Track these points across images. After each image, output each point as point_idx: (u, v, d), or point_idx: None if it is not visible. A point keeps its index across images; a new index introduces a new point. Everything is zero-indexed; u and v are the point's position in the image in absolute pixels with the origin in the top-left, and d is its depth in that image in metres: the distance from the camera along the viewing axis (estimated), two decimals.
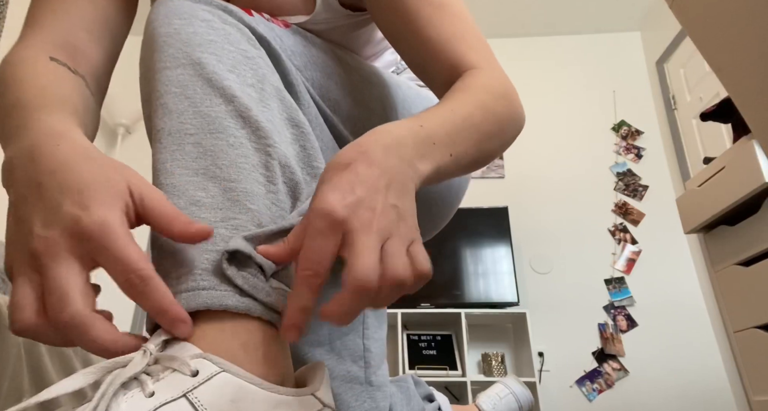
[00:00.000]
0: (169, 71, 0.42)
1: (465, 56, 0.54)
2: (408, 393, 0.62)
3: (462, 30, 0.56)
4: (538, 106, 3.33)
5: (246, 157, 0.39)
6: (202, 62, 0.42)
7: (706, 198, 1.68)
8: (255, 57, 0.46)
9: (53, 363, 0.91)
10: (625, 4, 3.36)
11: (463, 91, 0.49)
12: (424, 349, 2.70)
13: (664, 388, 2.70)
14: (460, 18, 0.57)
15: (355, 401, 0.49)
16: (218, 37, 0.45)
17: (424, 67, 0.57)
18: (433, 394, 0.72)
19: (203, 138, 0.39)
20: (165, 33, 0.44)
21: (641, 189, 3.15)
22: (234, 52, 0.45)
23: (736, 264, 1.58)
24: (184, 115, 0.40)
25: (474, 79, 0.51)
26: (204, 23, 0.45)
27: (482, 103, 0.48)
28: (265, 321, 0.36)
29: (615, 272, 2.98)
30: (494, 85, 0.52)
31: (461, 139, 0.44)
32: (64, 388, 0.31)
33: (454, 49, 0.54)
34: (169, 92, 0.41)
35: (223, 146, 0.39)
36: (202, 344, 0.33)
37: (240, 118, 0.41)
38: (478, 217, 2.94)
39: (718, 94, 2.61)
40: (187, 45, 0.43)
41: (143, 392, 0.30)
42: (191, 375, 0.31)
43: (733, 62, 0.71)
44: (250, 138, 0.40)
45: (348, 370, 0.50)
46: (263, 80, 0.45)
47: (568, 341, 2.83)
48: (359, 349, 0.51)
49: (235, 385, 0.31)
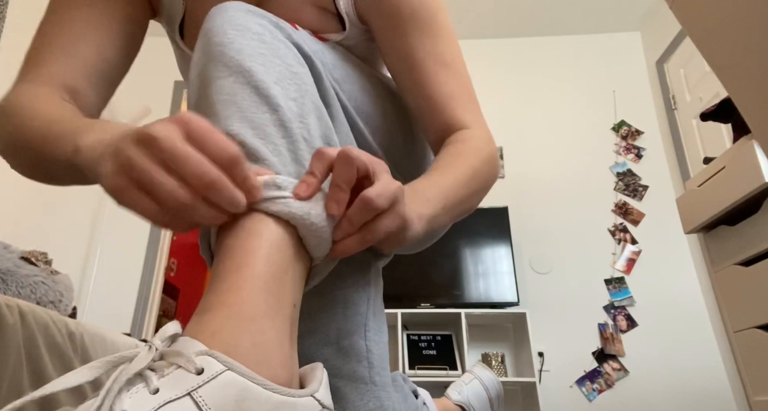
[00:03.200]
0: (221, 81, 0.45)
1: (459, 117, 0.62)
2: (403, 391, 0.62)
3: (460, 91, 0.64)
4: (539, 106, 3.33)
5: (284, 165, 0.43)
6: (251, 71, 0.46)
7: (706, 198, 1.68)
8: (299, 73, 0.50)
9: (53, 363, 0.91)
10: (625, 4, 3.36)
11: (455, 157, 0.58)
12: (424, 349, 2.70)
13: (664, 388, 2.70)
14: (460, 78, 0.64)
15: (360, 400, 0.50)
16: (268, 50, 0.48)
17: (423, 117, 0.65)
18: (417, 390, 0.74)
19: (247, 139, 0.43)
20: (219, 42, 0.47)
21: (641, 189, 3.15)
22: (280, 66, 0.48)
23: (736, 264, 1.58)
24: (230, 119, 0.43)
25: (465, 145, 0.60)
26: (256, 36, 0.48)
27: (472, 168, 0.57)
28: (278, 321, 0.37)
29: (615, 272, 2.98)
30: (482, 149, 0.60)
31: (451, 197, 0.53)
32: (69, 382, 0.31)
33: (451, 109, 0.62)
34: (219, 101, 0.44)
35: (266, 153, 0.42)
36: (215, 341, 0.33)
37: (282, 128, 0.44)
38: (478, 217, 2.94)
39: (718, 94, 2.61)
40: (239, 54, 0.46)
41: (148, 388, 0.30)
42: (196, 373, 0.31)
43: (733, 62, 0.71)
44: (288, 148, 0.44)
45: (354, 369, 0.51)
46: (304, 96, 0.48)
47: (568, 341, 2.83)
48: (363, 350, 0.52)
49: (240, 385, 0.31)
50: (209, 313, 0.36)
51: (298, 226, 0.40)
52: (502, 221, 2.95)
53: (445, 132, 0.63)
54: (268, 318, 0.36)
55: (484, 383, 0.87)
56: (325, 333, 0.51)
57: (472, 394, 0.86)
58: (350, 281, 0.53)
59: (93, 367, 0.31)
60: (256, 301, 0.36)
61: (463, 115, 0.62)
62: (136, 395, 0.30)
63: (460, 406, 0.84)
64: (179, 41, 0.70)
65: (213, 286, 0.37)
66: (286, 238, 0.40)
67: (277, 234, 0.39)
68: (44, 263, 1.47)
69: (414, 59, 0.62)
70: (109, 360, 0.32)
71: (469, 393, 0.86)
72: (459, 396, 0.85)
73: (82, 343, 0.99)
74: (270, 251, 0.38)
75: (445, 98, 0.62)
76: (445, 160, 0.57)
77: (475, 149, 0.59)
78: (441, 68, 0.62)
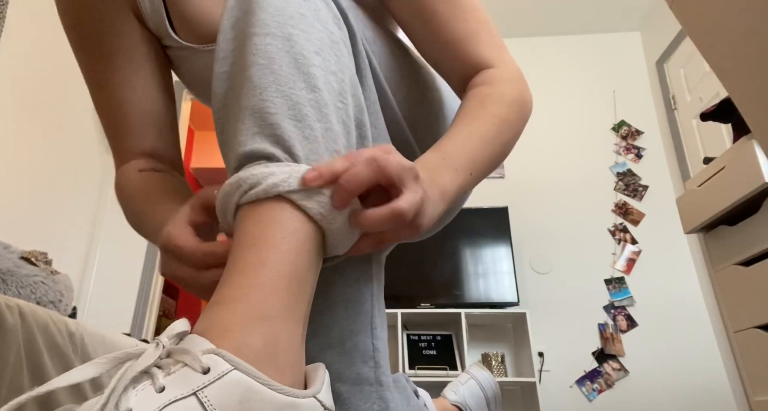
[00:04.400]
0: (257, 39, 0.43)
1: (480, 55, 0.58)
2: (406, 392, 0.62)
3: (477, 27, 0.59)
4: (539, 106, 3.31)
5: (318, 153, 0.41)
6: (292, 38, 0.43)
7: (706, 198, 1.68)
8: (339, 42, 0.47)
9: (53, 363, 0.91)
10: (625, 4, 3.36)
11: (479, 107, 0.54)
12: (424, 349, 2.70)
13: (664, 388, 2.70)
14: (476, 14, 0.59)
15: (365, 403, 0.48)
16: (309, 11, 0.45)
17: (441, 64, 0.61)
18: (417, 390, 0.73)
19: (283, 120, 0.41)
20: None
21: (641, 189, 3.15)
22: (322, 33, 0.45)
23: (736, 264, 1.58)
24: (267, 91, 0.41)
25: (489, 89, 0.56)
26: None
27: (498, 118, 0.53)
28: (292, 322, 0.36)
29: (615, 272, 2.98)
30: (508, 91, 0.56)
31: (479, 159, 0.50)
32: (74, 378, 0.30)
33: (469, 48, 0.58)
34: (256, 63, 0.42)
35: (300, 140, 0.40)
36: (224, 338, 0.33)
37: (319, 112, 0.42)
38: (478, 217, 2.94)
39: (718, 94, 2.61)
40: (280, 14, 0.44)
41: (154, 386, 0.30)
42: (202, 371, 0.31)
43: (733, 62, 0.71)
44: (323, 134, 0.42)
45: (358, 372, 0.49)
46: (344, 69, 0.46)
47: (568, 341, 2.83)
48: (369, 349, 0.50)
49: (245, 385, 0.31)
50: (223, 306, 0.35)
51: (325, 229, 0.39)
52: (502, 221, 2.95)
53: (468, 73, 0.59)
54: (283, 318, 0.36)
55: (481, 383, 0.87)
56: (327, 335, 0.49)
57: (469, 394, 0.86)
58: (352, 278, 0.50)
59: (98, 363, 0.31)
60: (275, 300, 0.35)
61: (485, 53, 0.58)
62: (142, 393, 0.30)
63: (457, 406, 0.84)
64: (172, 34, 0.67)
65: (232, 277, 0.36)
66: (313, 238, 0.39)
67: (306, 233, 0.38)
68: (44, 263, 1.47)
69: (426, 4, 0.58)
70: (116, 356, 0.32)
71: (465, 393, 0.86)
72: (455, 396, 0.85)
73: (82, 343, 0.99)
74: (299, 251, 0.37)
75: (463, 38, 0.58)
76: (470, 112, 0.54)
77: (500, 93, 0.55)
78: (455, 8, 0.58)
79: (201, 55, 0.66)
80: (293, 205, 0.38)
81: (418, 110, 0.64)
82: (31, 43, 2.42)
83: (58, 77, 2.64)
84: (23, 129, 2.43)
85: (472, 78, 0.58)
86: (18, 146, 2.40)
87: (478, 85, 0.57)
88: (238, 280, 0.36)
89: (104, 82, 0.66)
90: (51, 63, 2.56)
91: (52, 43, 2.54)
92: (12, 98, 2.35)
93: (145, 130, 0.66)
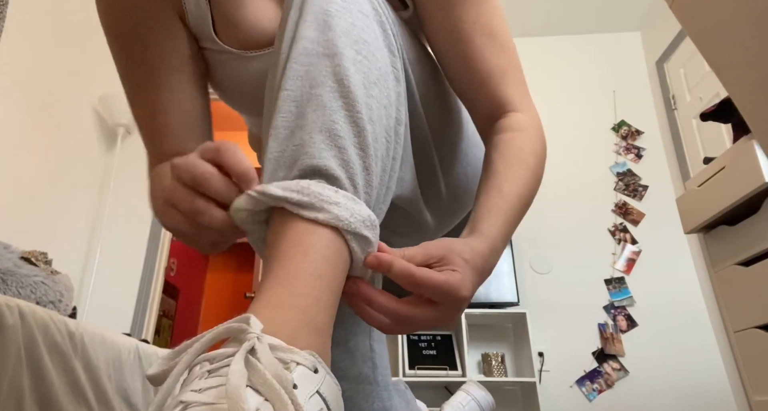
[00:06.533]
0: (304, 42, 0.44)
1: (507, 95, 0.59)
2: (405, 397, 0.62)
3: (507, 66, 0.60)
4: (538, 106, 3.30)
5: (370, 184, 0.44)
6: (356, 64, 0.44)
7: (706, 198, 1.68)
8: (391, 72, 0.48)
9: (53, 363, 0.91)
10: (625, 4, 3.36)
11: (510, 163, 0.54)
12: (424, 349, 2.70)
13: (664, 388, 2.70)
14: (508, 52, 0.61)
15: (365, 402, 0.50)
16: (371, 38, 0.47)
17: (467, 95, 0.62)
18: (416, 402, 0.73)
19: (349, 146, 0.43)
20: (322, 8, 0.46)
21: (641, 189, 3.15)
22: (380, 62, 0.47)
23: (736, 264, 1.58)
24: (336, 114, 0.43)
25: (522, 139, 0.57)
26: (360, 15, 0.47)
27: (528, 174, 0.54)
28: (330, 334, 0.38)
29: (615, 272, 2.98)
30: (534, 143, 0.58)
31: (513, 220, 0.51)
32: None
33: (497, 85, 0.59)
34: (325, 84, 0.43)
35: (361, 168, 0.43)
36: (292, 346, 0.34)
37: (376, 143, 0.44)
38: None
39: (718, 94, 2.61)
40: (333, 29, 0.45)
41: (308, 368, 0.32)
42: (313, 371, 0.32)
43: (733, 62, 0.71)
44: (374, 167, 0.44)
45: (360, 370, 0.51)
46: (392, 103, 0.48)
47: (568, 341, 2.83)
48: (367, 350, 0.52)
49: (332, 385, 0.34)
50: (283, 311, 0.35)
51: (354, 250, 0.41)
52: None
53: (494, 112, 0.60)
54: (330, 331, 0.38)
55: (481, 404, 0.87)
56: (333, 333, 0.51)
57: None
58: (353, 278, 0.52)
59: (214, 333, 0.32)
60: (325, 315, 0.37)
61: (513, 96, 0.59)
62: (300, 368, 0.31)
63: None
64: (215, 37, 0.66)
65: (284, 282, 0.37)
66: (346, 255, 0.41)
67: (347, 260, 0.41)
68: (44, 263, 1.47)
69: (459, 31, 0.59)
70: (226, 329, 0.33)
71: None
72: None
73: (82, 343, 0.99)
74: (344, 268, 0.40)
75: (493, 73, 0.59)
76: (503, 163, 0.54)
77: (532, 147, 0.57)
78: (488, 40, 0.59)
79: (241, 60, 0.65)
80: (344, 238, 0.40)
81: (445, 129, 0.65)
82: (31, 43, 2.42)
83: (58, 77, 2.64)
84: (23, 129, 2.43)
85: (499, 118, 0.59)
86: (18, 146, 2.40)
87: (508, 131, 0.57)
88: (294, 287, 0.36)
89: (147, 83, 0.65)
90: (51, 63, 2.56)
91: (53, 43, 2.54)
92: (12, 98, 2.35)
93: (186, 131, 0.66)
